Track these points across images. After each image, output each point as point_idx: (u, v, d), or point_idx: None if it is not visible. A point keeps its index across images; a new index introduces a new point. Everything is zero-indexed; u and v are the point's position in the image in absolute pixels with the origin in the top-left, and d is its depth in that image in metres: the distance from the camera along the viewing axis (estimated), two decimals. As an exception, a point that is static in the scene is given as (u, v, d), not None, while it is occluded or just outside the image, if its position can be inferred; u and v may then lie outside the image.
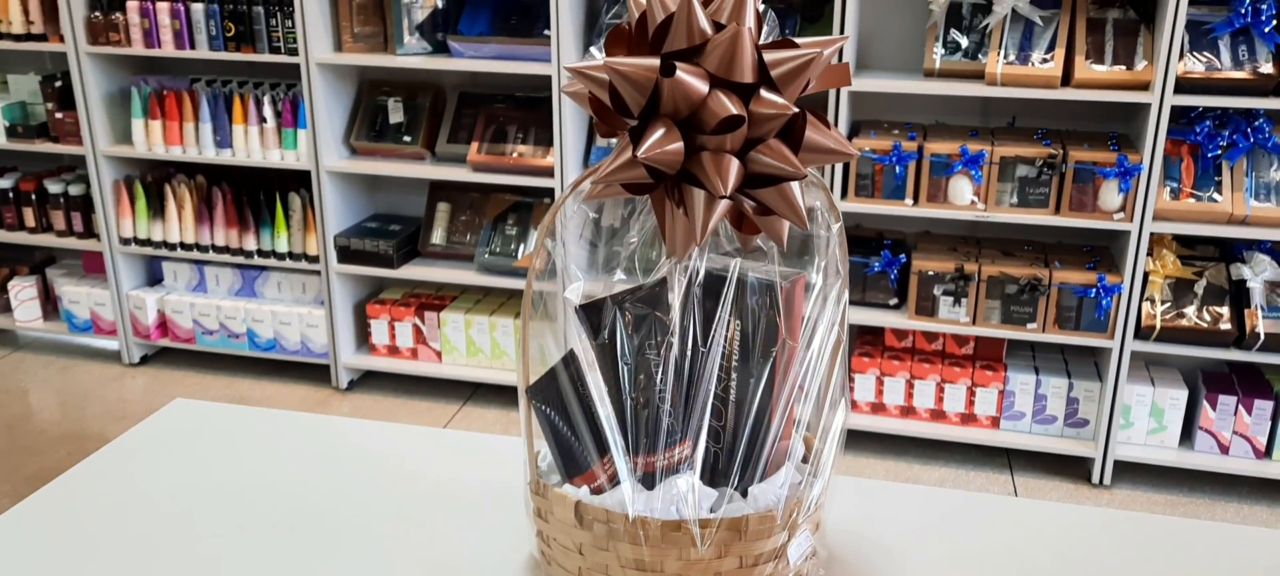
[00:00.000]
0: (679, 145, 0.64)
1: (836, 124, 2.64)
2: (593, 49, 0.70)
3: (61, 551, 0.96)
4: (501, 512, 0.98)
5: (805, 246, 0.77)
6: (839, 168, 2.68)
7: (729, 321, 0.76)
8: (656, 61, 0.63)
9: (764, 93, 0.64)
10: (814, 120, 0.66)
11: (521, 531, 0.94)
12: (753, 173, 0.66)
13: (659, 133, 0.63)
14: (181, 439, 1.16)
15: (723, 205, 0.65)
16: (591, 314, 0.76)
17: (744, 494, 0.80)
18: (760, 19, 0.67)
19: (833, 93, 2.62)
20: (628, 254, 0.75)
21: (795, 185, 0.66)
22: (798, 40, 0.65)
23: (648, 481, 0.79)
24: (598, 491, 0.80)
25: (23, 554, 0.96)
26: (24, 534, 0.99)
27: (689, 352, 0.76)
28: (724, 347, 0.76)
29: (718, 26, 0.65)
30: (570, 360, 0.79)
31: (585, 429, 0.79)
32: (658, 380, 0.76)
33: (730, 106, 0.62)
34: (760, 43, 0.66)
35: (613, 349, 0.76)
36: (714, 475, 0.81)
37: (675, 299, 0.73)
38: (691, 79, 0.63)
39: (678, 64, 0.63)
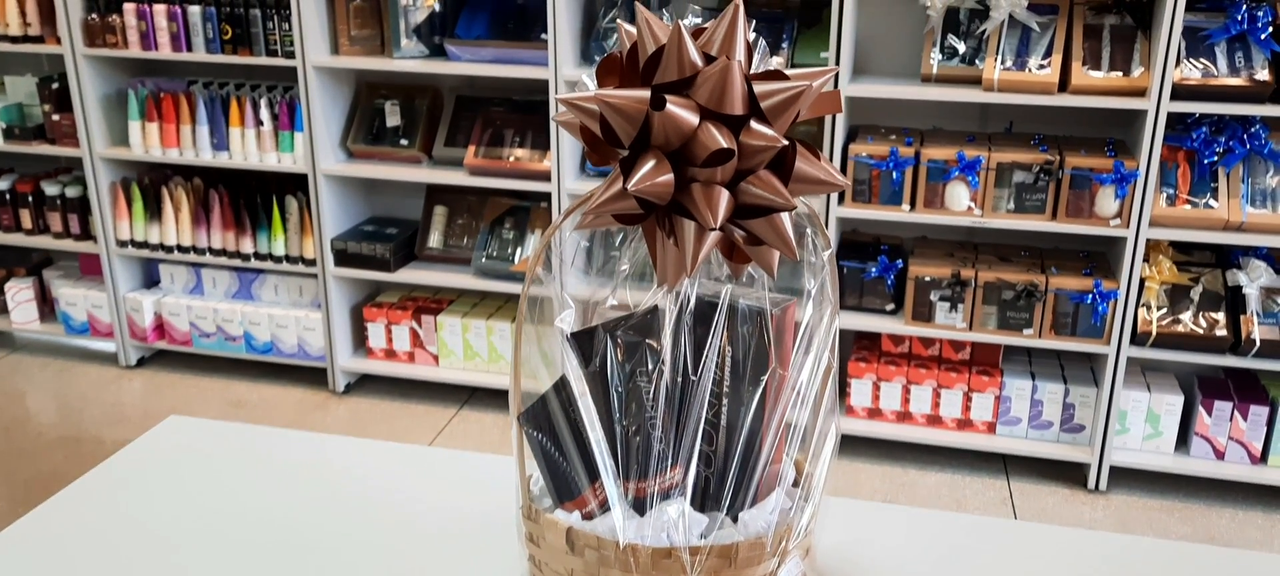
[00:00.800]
0: (669, 177, 0.64)
1: (834, 129, 2.64)
2: (585, 77, 0.70)
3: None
4: (494, 536, 0.98)
5: (796, 270, 0.78)
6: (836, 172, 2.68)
7: (720, 348, 0.76)
8: (647, 94, 0.63)
9: (754, 124, 0.64)
10: (804, 151, 0.66)
11: (514, 556, 0.94)
12: (743, 204, 0.66)
13: (649, 165, 0.63)
14: (174, 459, 1.16)
15: (713, 236, 0.65)
16: (583, 341, 0.77)
17: (735, 519, 0.80)
18: (750, 49, 0.67)
19: (830, 98, 2.62)
20: (620, 281, 0.75)
21: (785, 216, 0.66)
22: (788, 72, 0.65)
23: (639, 506, 0.80)
24: (589, 516, 0.81)
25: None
26: (14, 559, 0.99)
27: (680, 379, 0.76)
28: (715, 374, 0.77)
29: (708, 58, 0.65)
30: (562, 386, 0.79)
31: (576, 454, 0.79)
32: (649, 406, 0.77)
33: (720, 139, 0.63)
34: (751, 73, 0.66)
35: (604, 376, 0.76)
36: (705, 500, 0.81)
37: (666, 327, 0.74)
38: (682, 112, 0.63)
39: (668, 97, 0.63)
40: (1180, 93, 2.44)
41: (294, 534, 1.01)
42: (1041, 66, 2.54)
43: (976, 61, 2.61)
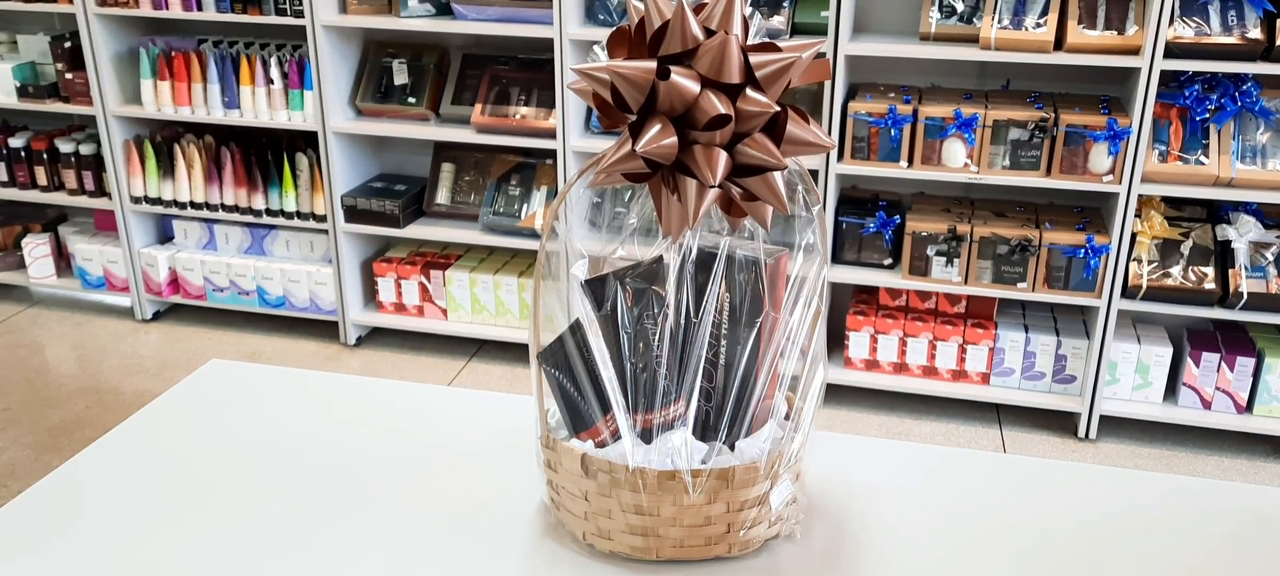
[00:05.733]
0: (673, 140, 0.72)
1: (834, 87, 2.69)
2: (597, 48, 0.78)
3: (107, 506, 1.05)
4: (516, 464, 1.07)
5: (789, 224, 0.85)
6: (836, 130, 2.74)
7: (719, 293, 0.84)
8: (653, 65, 0.71)
9: (750, 92, 0.72)
10: (795, 116, 0.74)
11: (534, 480, 1.04)
12: (739, 163, 0.73)
13: (656, 128, 0.71)
14: (217, 398, 1.24)
15: (713, 193, 0.73)
16: (595, 288, 0.85)
17: (732, 447, 0.89)
18: (747, 22, 0.74)
19: (831, 57, 2.67)
20: (628, 233, 0.83)
21: (778, 175, 0.74)
22: (779, 44, 0.72)
23: (646, 436, 0.88)
24: (601, 445, 0.90)
25: (73, 507, 1.05)
26: (69, 495, 1.08)
27: (683, 322, 0.85)
28: (714, 317, 0.85)
29: (708, 32, 0.72)
30: (577, 328, 0.87)
31: (590, 389, 0.88)
32: (655, 346, 0.85)
33: (719, 106, 0.70)
34: (747, 44, 0.73)
35: (614, 319, 0.85)
36: (705, 430, 0.90)
37: (670, 275, 0.82)
38: (684, 81, 0.70)
39: (672, 67, 0.70)
40: (1173, 51, 2.48)
41: (333, 464, 1.10)
42: (1038, 25, 2.59)
43: (974, 20, 2.66)
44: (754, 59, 0.71)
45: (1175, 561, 0.97)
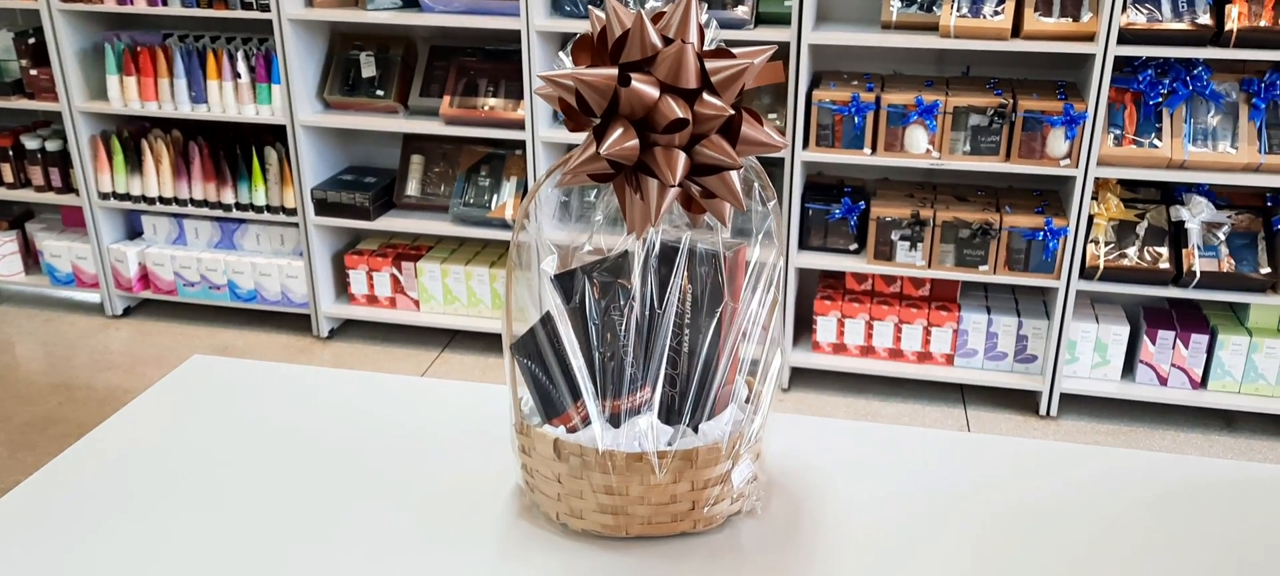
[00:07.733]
0: (635, 142, 0.76)
1: (798, 76, 2.74)
2: (562, 54, 0.82)
3: (101, 502, 1.08)
4: (491, 449, 1.12)
5: (747, 218, 0.90)
6: (801, 118, 2.79)
7: (681, 285, 0.89)
8: (615, 72, 0.75)
9: (706, 96, 0.76)
10: (749, 118, 0.78)
11: (509, 465, 1.08)
12: (698, 163, 0.78)
13: (618, 132, 0.75)
14: (201, 394, 1.27)
15: (673, 192, 0.77)
16: (565, 282, 0.89)
17: (695, 429, 0.94)
18: (702, 30, 0.79)
19: (794, 46, 2.72)
20: (595, 229, 0.88)
21: (734, 173, 0.78)
22: (733, 51, 0.77)
23: (614, 421, 0.93)
24: (573, 430, 0.94)
25: (57, 508, 1.08)
26: (57, 494, 1.10)
27: (648, 312, 0.89)
28: (677, 307, 0.89)
29: (667, 40, 0.76)
30: (547, 320, 0.92)
31: (561, 378, 0.93)
32: (622, 336, 0.90)
33: (677, 110, 0.75)
34: (702, 51, 0.77)
35: (583, 311, 0.89)
36: (670, 414, 0.95)
37: (635, 268, 0.86)
38: (644, 87, 0.75)
39: (633, 74, 0.75)
40: (1127, 37, 2.56)
41: (318, 454, 1.14)
42: (996, 13, 2.65)
43: (934, 8, 2.71)
44: (710, 65, 0.76)
45: (1132, 532, 1.02)
